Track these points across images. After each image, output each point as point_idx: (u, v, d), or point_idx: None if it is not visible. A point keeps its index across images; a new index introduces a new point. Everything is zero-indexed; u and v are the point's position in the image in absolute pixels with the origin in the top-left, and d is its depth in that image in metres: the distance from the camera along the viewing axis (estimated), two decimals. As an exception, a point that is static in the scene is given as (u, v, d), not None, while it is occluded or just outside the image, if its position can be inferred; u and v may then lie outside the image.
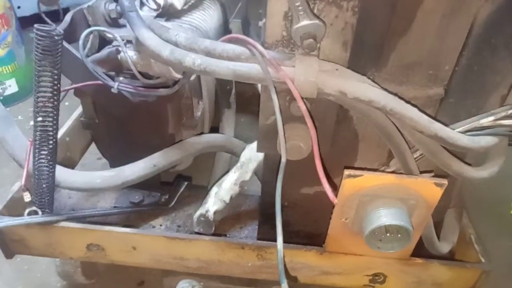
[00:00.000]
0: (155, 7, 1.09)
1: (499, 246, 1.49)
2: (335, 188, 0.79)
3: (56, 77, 0.76)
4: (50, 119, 0.81)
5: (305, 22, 0.61)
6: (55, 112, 0.80)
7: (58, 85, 0.77)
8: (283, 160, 0.66)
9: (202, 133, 1.17)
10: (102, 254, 0.97)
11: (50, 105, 0.79)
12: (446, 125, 0.71)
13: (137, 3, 1.04)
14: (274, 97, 0.65)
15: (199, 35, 1.12)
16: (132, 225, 1.11)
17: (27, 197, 0.90)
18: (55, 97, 0.78)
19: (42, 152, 0.84)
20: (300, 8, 0.59)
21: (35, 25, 0.69)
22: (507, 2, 0.63)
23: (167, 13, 1.12)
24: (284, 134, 0.75)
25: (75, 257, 1.01)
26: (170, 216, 1.14)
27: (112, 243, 0.95)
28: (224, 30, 1.46)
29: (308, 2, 0.60)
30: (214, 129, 1.32)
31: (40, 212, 0.91)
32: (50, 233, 0.94)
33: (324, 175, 0.64)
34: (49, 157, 0.86)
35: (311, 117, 0.66)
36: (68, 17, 0.98)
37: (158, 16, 1.11)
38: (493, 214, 1.62)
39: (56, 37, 0.72)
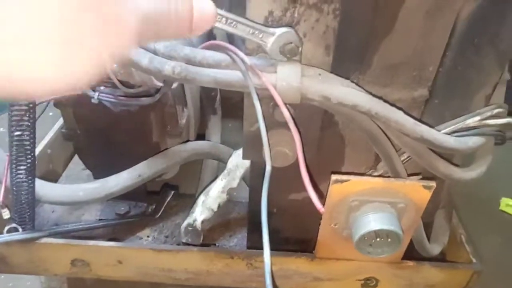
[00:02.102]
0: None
1: (488, 243, 1.49)
2: (321, 195, 0.77)
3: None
4: (27, 132, 0.79)
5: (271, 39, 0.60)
6: (31, 126, 0.77)
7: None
8: (268, 168, 0.64)
9: (188, 140, 1.15)
10: (87, 269, 0.94)
11: (26, 118, 0.76)
12: (432, 127, 0.70)
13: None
14: (257, 104, 0.63)
15: (182, 41, 1.10)
16: (118, 237, 1.08)
17: (6, 214, 0.87)
18: (31, 110, 0.75)
19: (20, 167, 0.82)
20: (256, 33, 0.59)
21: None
22: (490, -2, 0.62)
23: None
24: (269, 141, 0.73)
25: (60, 273, 0.98)
26: (157, 227, 1.12)
27: (97, 257, 0.92)
28: (208, 36, 1.44)
29: (255, 26, 0.59)
30: (201, 136, 1.30)
31: (20, 229, 0.88)
32: (32, 250, 0.91)
33: (309, 183, 0.62)
34: (28, 172, 0.83)
35: (295, 123, 0.65)
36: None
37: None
38: (482, 211, 1.63)
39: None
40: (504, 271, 1.39)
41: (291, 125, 0.63)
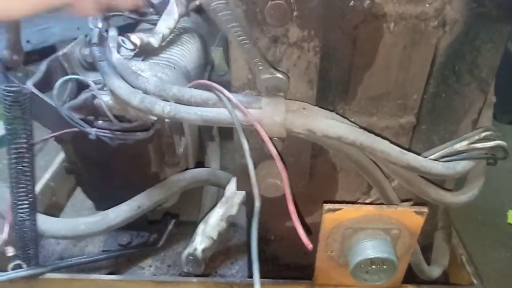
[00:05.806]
0: (131, 47, 1.10)
1: (496, 256, 1.47)
2: (308, 230, 0.78)
3: (29, 132, 0.76)
4: (28, 172, 0.81)
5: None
6: (31, 167, 0.80)
7: (31, 140, 0.77)
8: (257, 204, 0.66)
9: (187, 168, 1.17)
10: (89, 303, 0.95)
11: (27, 160, 0.79)
12: (419, 153, 0.71)
13: (115, 44, 1.05)
14: (244, 141, 0.65)
15: (177, 72, 1.13)
16: (121, 268, 1.09)
17: (10, 251, 0.89)
18: (30, 152, 0.78)
19: (22, 206, 0.84)
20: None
21: (2, 86, 0.70)
22: (465, 31, 0.64)
23: (144, 51, 1.13)
24: (260, 173, 0.75)
25: (63, 307, 1.00)
26: (159, 256, 1.13)
27: (99, 291, 0.94)
28: (205, 61, 1.47)
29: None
30: (201, 163, 1.32)
31: (24, 266, 0.90)
32: (35, 286, 0.93)
33: (297, 219, 0.63)
34: (29, 210, 0.85)
35: (286, 153, 0.66)
36: (43, 67, 0.99)
37: (135, 55, 1.12)
38: (489, 225, 1.61)
39: (24, 96, 0.72)
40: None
41: (278, 161, 0.64)
